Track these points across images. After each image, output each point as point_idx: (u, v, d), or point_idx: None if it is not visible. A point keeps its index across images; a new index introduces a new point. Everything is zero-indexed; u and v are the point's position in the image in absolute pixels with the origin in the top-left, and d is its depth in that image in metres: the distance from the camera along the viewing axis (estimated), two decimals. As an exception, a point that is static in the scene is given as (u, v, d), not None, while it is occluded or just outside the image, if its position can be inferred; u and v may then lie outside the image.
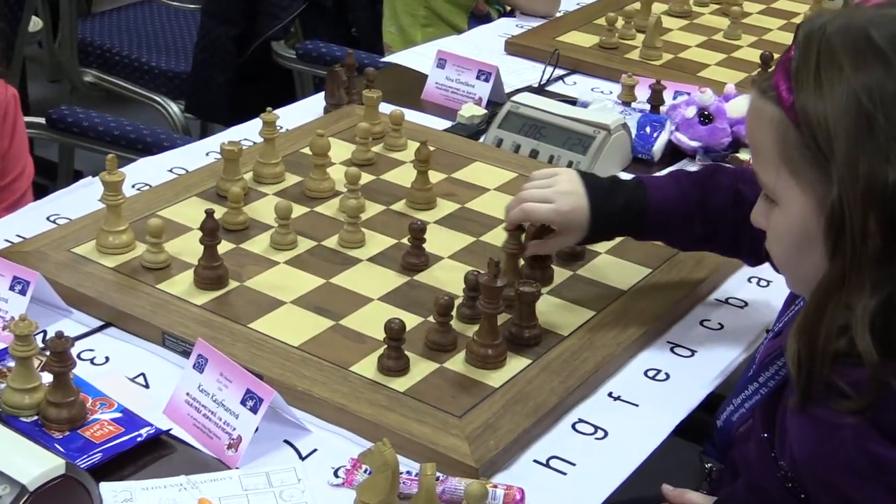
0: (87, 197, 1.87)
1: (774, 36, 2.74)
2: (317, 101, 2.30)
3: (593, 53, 2.59)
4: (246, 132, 2.16)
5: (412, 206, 1.89)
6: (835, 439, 1.20)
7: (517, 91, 2.33)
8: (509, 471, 1.40)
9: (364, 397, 1.46)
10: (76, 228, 1.77)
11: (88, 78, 3.58)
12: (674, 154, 2.18)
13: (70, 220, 1.82)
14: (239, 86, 3.35)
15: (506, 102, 2.19)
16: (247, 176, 1.93)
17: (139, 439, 1.38)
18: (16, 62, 3.16)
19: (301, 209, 1.86)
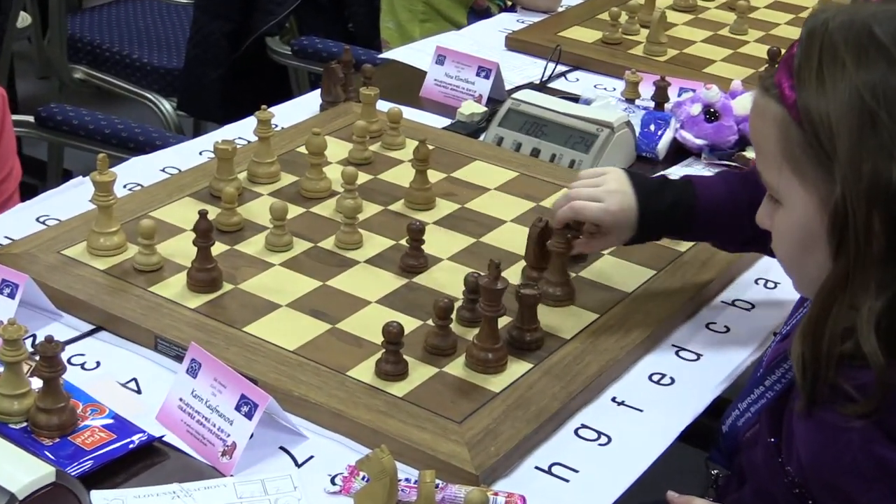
0: (78, 197, 1.87)
1: (782, 31, 2.74)
2: (313, 99, 2.31)
3: (596, 49, 2.59)
4: (240, 130, 2.16)
5: (411, 207, 1.90)
6: (841, 443, 1.21)
7: (518, 88, 2.33)
8: (510, 478, 1.40)
9: (362, 402, 1.46)
10: (66, 230, 1.78)
11: (78, 75, 3.58)
12: (679, 152, 2.18)
13: (60, 222, 1.82)
14: (233, 83, 3.35)
15: (506, 100, 2.19)
16: (241, 175, 1.93)
17: (131, 446, 1.38)
18: (3, 59, 3.16)
19: (297, 210, 1.86)
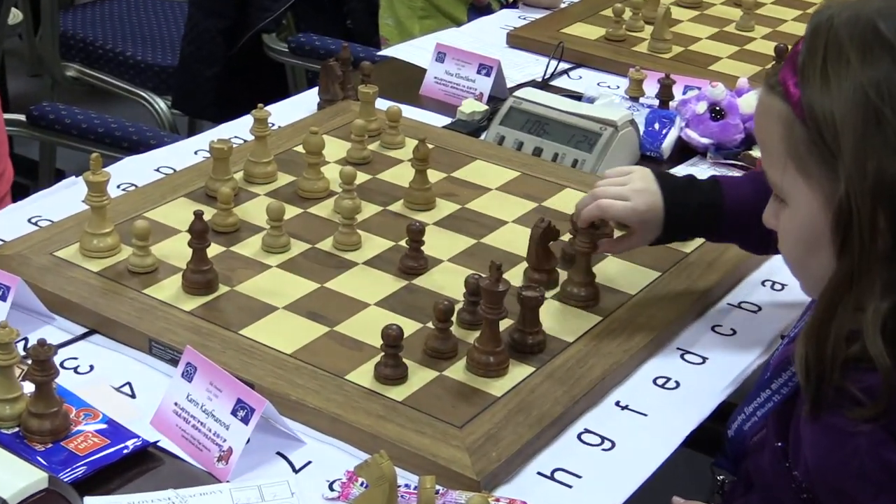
0: (71, 198, 1.87)
1: (789, 27, 2.74)
2: (310, 97, 2.31)
3: (599, 46, 2.59)
4: (236, 129, 2.17)
5: (410, 207, 1.90)
6: (848, 447, 1.21)
7: (520, 86, 2.34)
8: (512, 483, 1.41)
9: (360, 407, 1.46)
10: (59, 231, 1.78)
11: (71, 72, 3.58)
12: (684, 151, 2.18)
13: (52, 223, 1.82)
14: (228, 81, 3.35)
15: (508, 98, 2.19)
16: (237, 175, 1.93)
17: (125, 451, 1.38)
18: (-6, 57, 3.17)
19: (294, 210, 1.86)
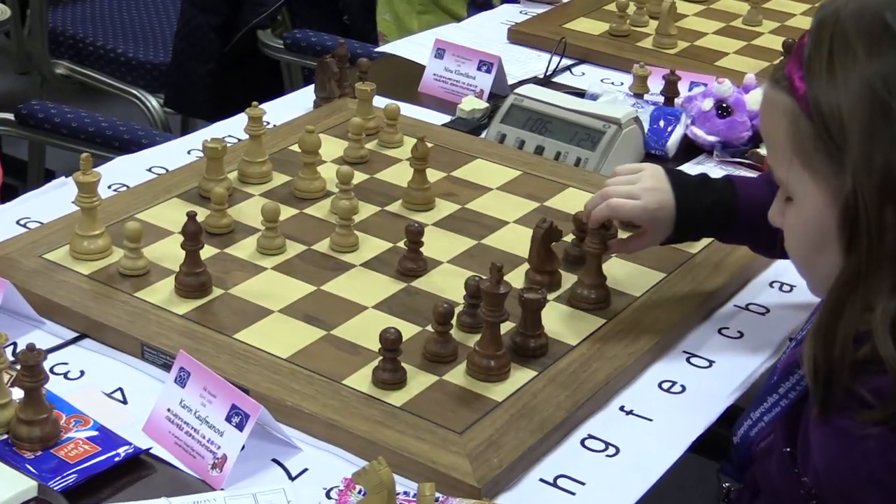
0: (60, 199, 1.88)
1: (798, 21, 2.74)
2: (306, 95, 2.31)
3: (603, 42, 2.60)
4: (230, 128, 2.17)
5: (409, 207, 1.90)
6: (857, 451, 1.21)
7: (521, 83, 2.34)
8: (514, 491, 1.41)
9: (358, 413, 1.46)
10: (48, 233, 1.78)
11: (60, 70, 3.59)
12: (689, 149, 2.18)
13: (42, 224, 1.82)
14: (222, 78, 3.35)
15: (509, 95, 2.19)
16: (231, 175, 1.94)
17: (117, 459, 1.39)
18: (-19, 54, 3.17)
19: (290, 211, 1.86)
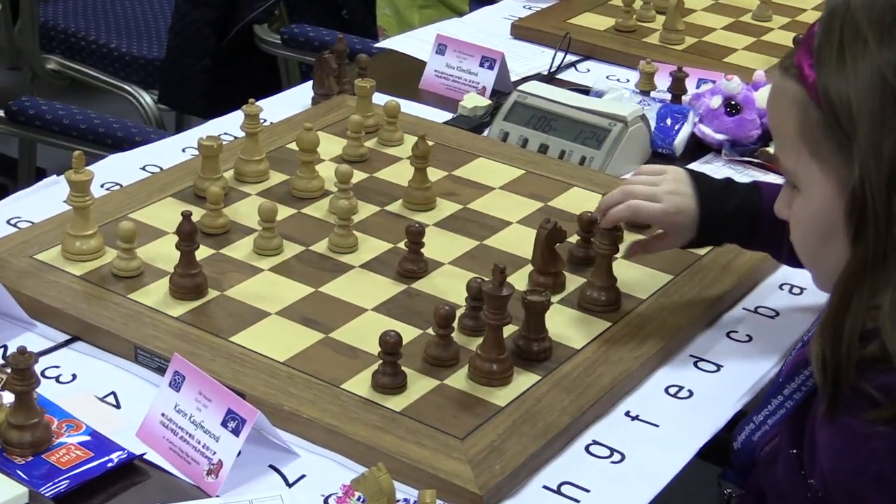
0: (52, 198, 1.88)
1: (809, 17, 2.74)
2: (304, 92, 2.31)
3: (608, 37, 2.60)
4: (226, 126, 2.17)
5: (409, 207, 1.90)
6: (865, 451, 1.22)
7: (524, 80, 2.34)
8: (517, 498, 1.41)
9: (357, 417, 1.46)
10: (39, 233, 1.78)
11: (51, 65, 3.58)
12: (697, 148, 2.18)
13: (32, 224, 1.83)
14: (218, 74, 3.35)
15: (512, 92, 2.20)
16: (227, 174, 1.94)
17: (110, 465, 1.39)
18: (-30, 49, 3.17)
19: (287, 210, 1.87)
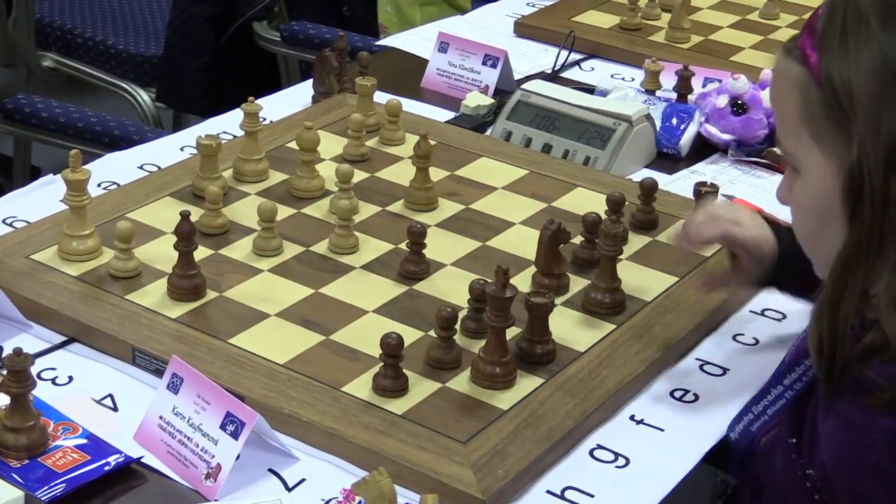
0: (48, 197, 1.88)
1: (816, 15, 2.74)
2: (304, 90, 2.31)
3: (613, 35, 2.60)
4: (225, 124, 2.17)
5: (411, 207, 1.90)
6: (864, 443, 1.22)
7: (528, 78, 2.34)
8: (520, 503, 1.41)
9: (358, 421, 1.47)
10: (35, 233, 1.78)
11: (47, 62, 3.58)
12: (703, 148, 2.19)
13: (28, 224, 1.83)
14: (217, 72, 3.35)
15: (515, 91, 2.20)
16: (226, 174, 1.94)
17: (107, 468, 1.39)
18: (-36, 45, 3.17)
19: (287, 210, 1.87)
